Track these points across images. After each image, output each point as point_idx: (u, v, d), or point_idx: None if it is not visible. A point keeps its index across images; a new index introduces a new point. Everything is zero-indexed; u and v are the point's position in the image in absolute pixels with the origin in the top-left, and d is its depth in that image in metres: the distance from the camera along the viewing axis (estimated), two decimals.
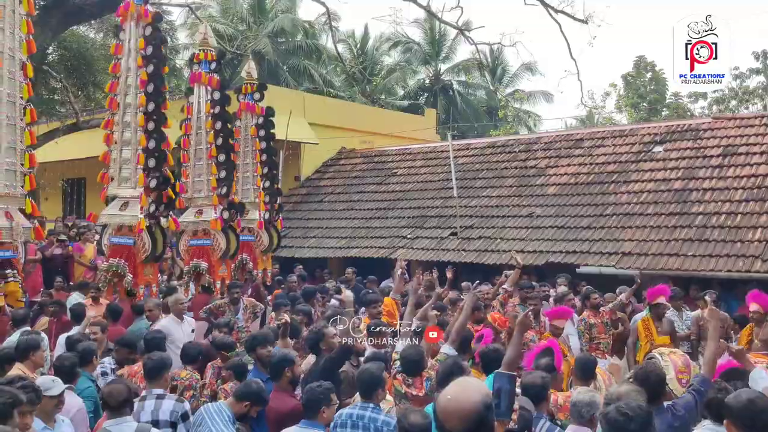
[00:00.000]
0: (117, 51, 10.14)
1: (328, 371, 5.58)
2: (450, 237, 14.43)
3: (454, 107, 32.08)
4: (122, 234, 9.92)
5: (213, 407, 4.89)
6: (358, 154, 20.02)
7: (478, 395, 2.29)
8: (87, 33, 20.68)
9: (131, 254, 9.80)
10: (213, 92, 11.62)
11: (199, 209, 11.39)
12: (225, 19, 29.23)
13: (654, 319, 8.40)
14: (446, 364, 4.83)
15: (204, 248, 11.19)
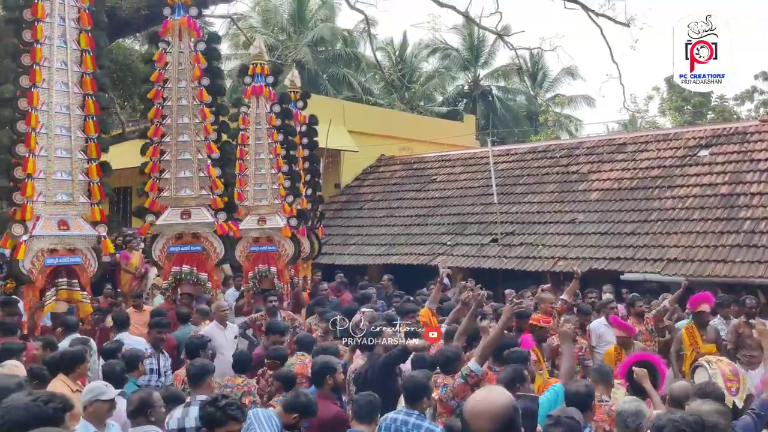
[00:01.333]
0: (160, 60, 10.38)
1: (386, 371, 5.58)
2: (490, 244, 14.36)
3: (494, 113, 31.93)
4: (183, 242, 10.19)
5: (263, 413, 4.92)
6: (398, 161, 20.07)
7: (507, 397, 2.34)
8: (132, 45, 21.16)
9: (200, 260, 10.11)
10: (273, 105, 12.00)
11: (262, 217, 11.74)
12: (266, 29, 29.62)
13: (698, 326, 8.24)
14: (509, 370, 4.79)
15: (269, 254, 11.61)
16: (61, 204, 8.68)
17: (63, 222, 8.57)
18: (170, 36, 10.40)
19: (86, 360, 5.89)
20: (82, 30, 8.86)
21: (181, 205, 10.44)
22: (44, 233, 8.42)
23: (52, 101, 8.54)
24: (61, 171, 8.68)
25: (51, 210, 8.56)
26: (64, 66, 8.69)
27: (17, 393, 2.62)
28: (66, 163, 8.71)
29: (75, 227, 8.68)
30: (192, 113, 10.37)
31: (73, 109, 8.76)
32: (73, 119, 8.76)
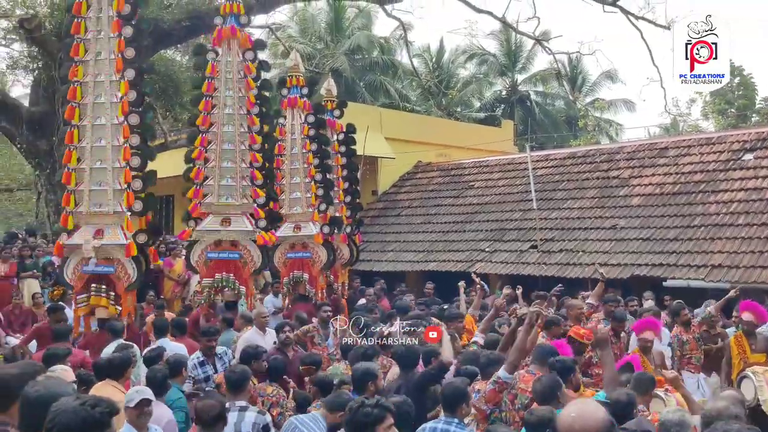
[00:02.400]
0: (212, 71, 10.55)
1: (421, 387, 5.56)
2: (530, 250, 14.22)
3: (532, 118, 31.68)
4: (222, 249, 10.34)
5: (307, 417, 4.96)
6: (435, 168, 20.04)
7: (603, 413, 2.35)
8: (174, 56, 21.58)
9: (237, 267, 10.27)
10: (307, 116, 12.22)
11: (297, 224, 11.99)
12: (304, 38, 29.92)
13: (746, 335, 8.01)
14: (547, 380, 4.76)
15: (303, 260, 11.86)
16: (100, 214, 8.82)
17: (98, 231, 8.73)
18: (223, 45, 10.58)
19: (132, 365, 6.02)
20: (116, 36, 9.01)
21: (222, 212, 10.59)
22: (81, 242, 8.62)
23: (95, 114, 8.75)
24: (100, 181, 8.84)
25: (89, 219, 8.75)
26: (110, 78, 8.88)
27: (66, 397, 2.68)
28: (104, 174, 8.85)
29: (110, 236, 8.75)
30: (239, 122, 10.52)
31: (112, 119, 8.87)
32: (113, 130, 8.88)
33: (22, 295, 11.39)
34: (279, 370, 6.43)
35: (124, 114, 8.75)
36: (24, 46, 19.26)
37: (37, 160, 16.65)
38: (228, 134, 10.57)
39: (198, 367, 7.22)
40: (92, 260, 8.62)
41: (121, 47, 8.78)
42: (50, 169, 15.86)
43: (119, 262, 8.73)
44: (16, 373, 3.36)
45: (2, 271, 11.97)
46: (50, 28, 16.15)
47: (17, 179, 23.23)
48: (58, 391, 2.88)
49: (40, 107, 16.39)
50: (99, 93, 8.84)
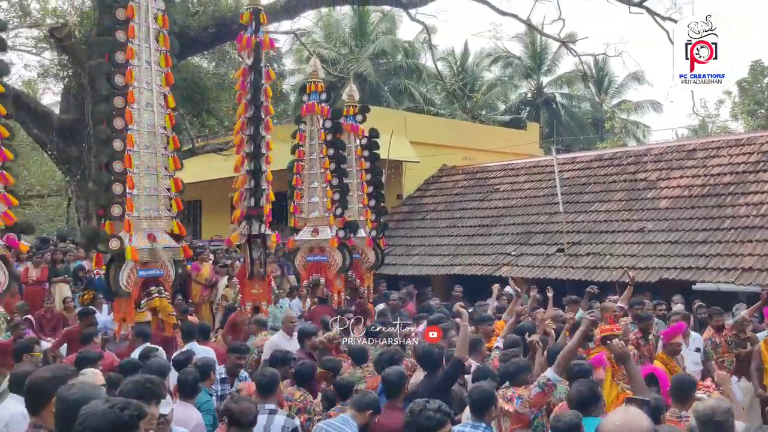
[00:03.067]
0: (244, 74, 10.70)
1: (443, 388, 5.55)
2: (556, 254, 14.12)
3: (558, 120, 31.47)
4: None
5: (337, 420, 4.97)
6: (460, 171, 19.99)
7: (646, 421, 2.34)
8: (200, 62, 21.83)
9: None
10: (325, 121, 12.35)
11: (315, 228, 12.13)
12: (328, 43, 30.08)
13: None
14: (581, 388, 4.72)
15: (321, 263, 12.07)
16: (151, 218, 9.01)
17: (151, 235, 8.92)
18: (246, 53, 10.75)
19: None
20: (162, 51, 9.23)
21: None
22: (140, 247, 8.77)
23: (141, 120, 8.93)
24: (150, 187, 9.03)
25: (143, 225, 8.91)
26: (148, 86, 9.06)
27: (95, 400, 2.73)
28: (153, 179, 9.05)
29: (161, 240, 9.00)
30: (264, 127, 10.67)
31: (157, 126, 9.09)
32: (157, 136, 9.09)
33: (54, 299, 11.60)
34: (307, 374, 6.43)
35: (171, 125, 9.08)
36: (54, 54, 19.66)
37: (68, 166, 16.94)
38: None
39: (218, 383, 6.91)
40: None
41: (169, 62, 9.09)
42: (80, 175, 16.13)
43: (165, 265, 8.91)
44: (49, 376, 3.44)
45: (34, 276, 12.20)
46: (80, 37, 16.44)
47: (48, 185, 23.66)
48: (92, 394, 2.94)
49: (70, 115, 16.68)
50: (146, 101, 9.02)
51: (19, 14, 22.73)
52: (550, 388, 5.17)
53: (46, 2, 23.10)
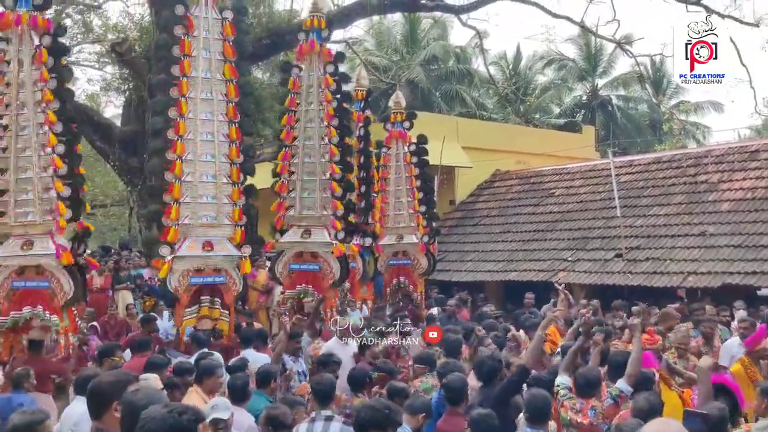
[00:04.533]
0: (294, 87, 10.86)
1: (505, 397, 5.49)
2: (614, 259, 13.83)
3: (614, 123, 30.86)
4: (303, 260, 10.58)
5: None
6: (513, 176, 19.80)
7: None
8: (254, 74, 22.21)
9: (317, 279, 10.43)
10: (360, 128, 12.52)
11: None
12: (380, 51, 30.21)
13: None
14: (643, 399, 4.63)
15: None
16: (206, 226, 9.19)
17: (208, 243, 9.08)
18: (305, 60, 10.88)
19: (214, 373, 6.07)
20: (227, 61, 9.42)
21: (304, 224, 10.81)
22: (190, 254, 8.97)
23: (198, 130, 9.14)
24: (207, 195, 9.21)
25: (198, 232, 9.11)
26: (209, 96, 9.27)
27: (154, 405, 2.80)
28: (211, 188, 9.23)
29: (220, 248, 9.11)
30: (318, 135, 10.74)
31: (217, 136, 9.26)
32: (218, 145, 9.25)
33: (117, 306, 11.93)
34: (360, 379, 6.44)
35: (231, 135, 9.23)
36: (115, 68, 20.30)
37: (129, 176, 17.43)
38: (309, 147, 10.79)
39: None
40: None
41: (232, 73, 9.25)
42: (141, 184, 16.57)
43: (227, 272, 9.06)
44: (111, 381, 3.54)
45: (98, 284, 12.57)
46: (140, 51, 16.93)
47: (111, 195, 24.39)
48: (156, 399, 3.03)
49: (131, 126, 17.17)
50: (205, 110, 9.24)
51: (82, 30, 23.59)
52: (622, 399, 5.11)
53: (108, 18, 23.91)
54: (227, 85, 9.38)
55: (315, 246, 10.65)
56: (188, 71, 9.15)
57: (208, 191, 9.21)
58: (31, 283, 8.13)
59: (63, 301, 8.22)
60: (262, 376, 6.23)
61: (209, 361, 6.44)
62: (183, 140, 9.02)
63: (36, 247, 8.19)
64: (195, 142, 9.13)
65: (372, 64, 26.51)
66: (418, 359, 6.99)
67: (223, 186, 9.23)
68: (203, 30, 9.29)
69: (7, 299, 8.07)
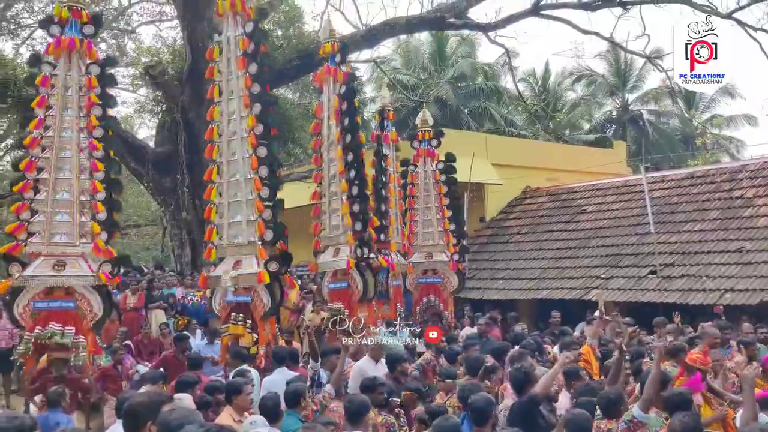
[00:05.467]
0: (318, 111, 11.03)
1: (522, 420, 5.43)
2: (648, 276, 13.62)
3: (646, 138, 30.52)
4: (336, 279, 10.66)
5: None
6: (544, 193, 19.65)
7: None
8: (285, 94, 22.48)
9: (347, 296, 10.52)
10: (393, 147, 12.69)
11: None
12: (408, 69, 30.37)
13: None
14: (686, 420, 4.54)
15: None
16: (237, 245, 9.28)
17: (237, 262, 9.17)
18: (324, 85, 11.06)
19: (242, 392, 6.11)
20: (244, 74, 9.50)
21: (334, 243, 10.90)
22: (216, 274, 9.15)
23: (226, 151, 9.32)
24: (236, 214, 9.31)
25: (231, 252, 9.25)
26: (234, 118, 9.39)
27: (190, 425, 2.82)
28: (239, 206, 9.31)
29: (247, 266, 9.13)
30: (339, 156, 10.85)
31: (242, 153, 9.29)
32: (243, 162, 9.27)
33: (150, 325, 12.07)
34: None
35: (252, 146, 9.13)
36: (149, 91, 20.69)
37: (163, 197, 17.69)
38: (333, 168, 10.95)
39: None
40: (230, 290, 9.05)
41: (247, 83, 9.24)
42: (174, 205, 16.81)
43: (255, 291, 9.08)
44: (146, 401, 3.58)
45: (132, 303, 12.74)
46: (172, 74, 17.25)
47: (144, 215, 24.77)
48: (191, 419, 3.05)
49: (165, 148, 17.45)
50: (233, 130, 9.36)
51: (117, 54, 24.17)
52: (635, 425, 4.97)
53: (141, 42, 24.50)
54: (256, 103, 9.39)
55: (341, 263, 10.71)
56: (217, 96, 9.34)
57: (237, 210, 9.31)
58: (54, 304, 8.18)
59: (92, 322, 8.34)
60: (291, 395, 6.20)
61: (236, 380, 6.48)
62: (216, 163, 9.19)
63: (69, 268, 8.27)
64: (227, 163, 9.30)
65: (400, 83, 26.67)
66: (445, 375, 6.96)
67: (249, 203, 9.24)
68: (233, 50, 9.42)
69: (32, 319, 8.15)
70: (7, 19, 22.77)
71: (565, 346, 7.73)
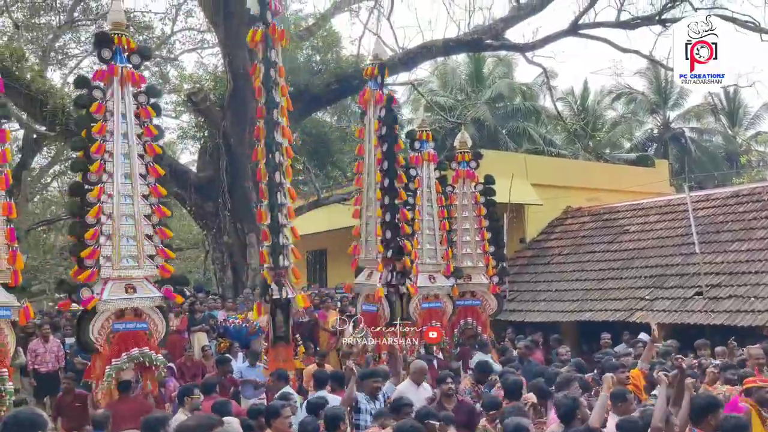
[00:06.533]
0: (360, 134, 11.17)
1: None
2: (694, 297, 13.31)
3: (688, 156, 30.02)
4: (369, 301, 10.74)
5: None
6: (585, 213, 19.39)
7: None
8: (323, 117, 22.76)
9: (375, 320, 10.51)
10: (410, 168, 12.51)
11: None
12: (444, 91, 30.44)
13: None
14: None
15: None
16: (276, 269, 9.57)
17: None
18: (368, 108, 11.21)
19: (281, 414, 6.08)
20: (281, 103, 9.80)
21: (369, 266, 10.97)
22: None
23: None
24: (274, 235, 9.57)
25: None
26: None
27: None
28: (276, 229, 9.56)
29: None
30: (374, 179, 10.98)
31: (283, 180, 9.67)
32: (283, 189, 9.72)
33: (193, 347, 12.20)
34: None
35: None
36: (191, 117, 21.14)
37: (205, 221, 17.97)
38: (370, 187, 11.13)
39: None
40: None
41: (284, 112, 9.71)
42: (216, 228, 17.05)
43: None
44: (194, 425, 3.63)
45: (175, 326, 12.88)
46: (214, 100, 17.60)
47: (186, 239, 25.17)
48: None
49: (207, 173, 17.75)
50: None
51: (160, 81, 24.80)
52: None
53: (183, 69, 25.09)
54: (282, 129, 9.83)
55: (374, 287, 10.79)
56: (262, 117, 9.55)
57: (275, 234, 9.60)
58: (130, 325, 8.56)
59: (158, 341, 8.74)
60: (331, 419, 6.20)
61: (274, 402, 6.51)
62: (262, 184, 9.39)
63: (139, 291, 8.68)
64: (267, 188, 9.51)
65: (437, 104, 26.76)
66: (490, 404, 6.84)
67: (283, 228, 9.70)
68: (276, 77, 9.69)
69: (107, 342, 8.41)
70: (55, 50, 23.52)
71: (608, 368, 7.57)
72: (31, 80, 15.18)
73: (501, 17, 19.33)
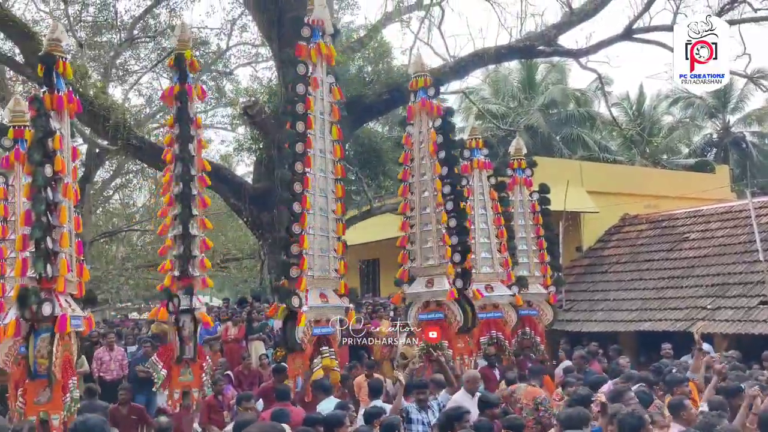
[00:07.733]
0: (406, 142, 11.23)
1: None
2: (759, 306, 12.88)
3: (750, 161, 29.11)
4: (430, 310, 10.71)
5: None
6: (643, 220, 18.97)
7: None
8: (375, 127, 22.86)
9: (443, 327, 10.57)
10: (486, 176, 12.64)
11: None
12: (496, 98, 30.28)
13: None
14: None
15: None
16: (321, 278, 9.64)
17: (323, 294, 9.50)
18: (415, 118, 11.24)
19: (343, 424, 6.20)
20: (333, 123, 9.95)
21: (426, 274, 10.95)
22: (313, 305, 9.36)
23: (317, 184, 9.68)
24: (321, 248, 9.66)
25: (316, 283, 9.50)
26: (322, 154, 9.76)
27: None
28: (324, 241, 9.69)
29: (331, 299, 9.63)
30: (432, 187, 10.95)
31: (329, 192, 9.79)
32: (329, 202, 9.83)
33: (251, 356, 12.39)
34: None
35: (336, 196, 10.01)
36: (247, 130, 21.51)
37: (260, 231, 18.21)
38: (424, 200, 11.08)
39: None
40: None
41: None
42: (272, 238, 17.28)
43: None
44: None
45: (233, 335, 13.14)
46: (269, 113, 17.87)
47: (243, 249, 25.59)
48: None
49: (262, 184, 18.01)
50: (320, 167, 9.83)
51: (216, 96, 25.34)
52: None
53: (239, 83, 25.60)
54: (334, 145, 9.97)
55: (439, 294, 10.71)
56: (312, 128, 9.68)
57: (321, 244, 9.70)
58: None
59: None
60: (387, 428, 6.22)
61: (336, 412, 6.55)
62: (307, 193, 9.49)
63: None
64: (314, 197, 9.61)
65: (489, 112, 26.61)
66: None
67: (333, 240, 9.79)
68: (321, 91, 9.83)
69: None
70: (116, 66, 24.30)
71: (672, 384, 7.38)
72: (94, 96, 15.66)
73: (553, 24, 19.06)
